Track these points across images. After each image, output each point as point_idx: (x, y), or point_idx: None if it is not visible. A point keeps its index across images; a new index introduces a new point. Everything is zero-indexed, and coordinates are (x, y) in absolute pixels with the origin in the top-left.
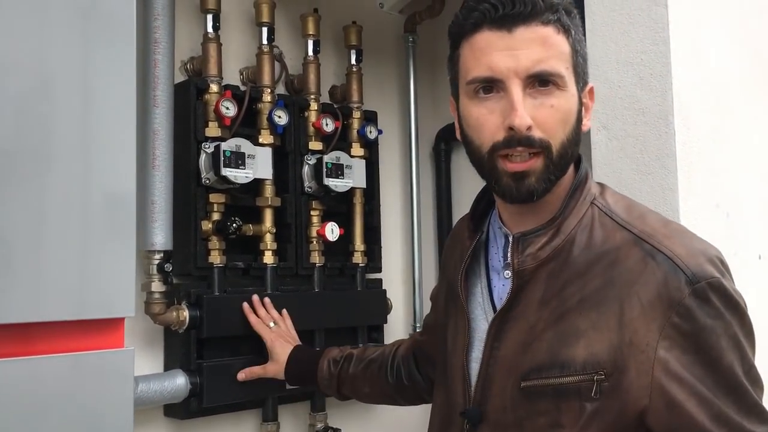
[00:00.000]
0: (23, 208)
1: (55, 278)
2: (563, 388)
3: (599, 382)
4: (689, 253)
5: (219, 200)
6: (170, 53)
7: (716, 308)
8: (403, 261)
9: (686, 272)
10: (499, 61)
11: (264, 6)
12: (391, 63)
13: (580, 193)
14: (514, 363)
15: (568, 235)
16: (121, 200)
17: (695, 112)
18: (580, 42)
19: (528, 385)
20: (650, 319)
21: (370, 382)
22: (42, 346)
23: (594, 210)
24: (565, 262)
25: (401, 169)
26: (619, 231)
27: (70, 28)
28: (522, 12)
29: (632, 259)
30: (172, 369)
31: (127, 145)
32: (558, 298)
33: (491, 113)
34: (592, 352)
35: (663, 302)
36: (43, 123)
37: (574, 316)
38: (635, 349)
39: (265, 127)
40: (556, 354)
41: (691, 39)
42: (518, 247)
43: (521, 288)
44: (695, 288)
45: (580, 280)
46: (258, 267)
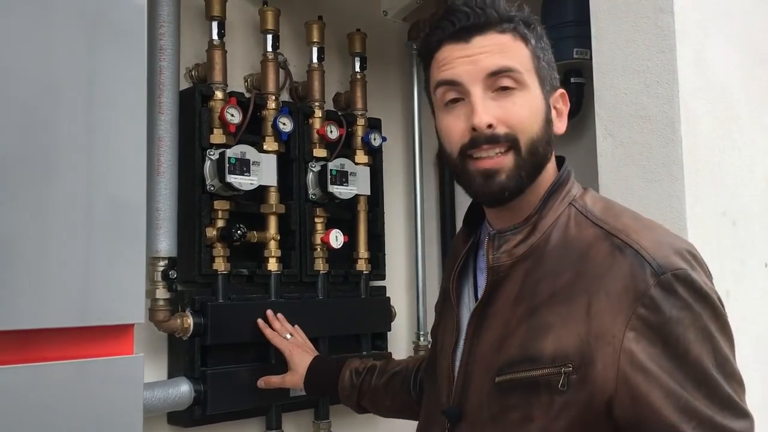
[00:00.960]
0: (31, 215)
1: (65, 285)
2: (533, 381)
3: (567, 374)
4: (656, 246)
5: (223, 207)
6: (176, 60)
7: (683, 299)
8: (406, 268)
9: (652, 264)
10: (458, 66)
11: (269, 13)
12: (394, 70)
13: (558, 193)
14: (491, 359)
15: (543, 233)
16: (131, 207)
17: (702, 119)
18: (543, 49)
19: (501, 380)
20: (617, 311)
21: (392, 394)
22: (51, 353)
23: (571, 210)
24: (539, 259)
25: (405, 177)
26: (592, 228)
27: (77, 35)
28: (477, 23)
29: (601, 253)
30: (176, 376)
31: (138, 151)
32: (531, 294)
33: (457, 119)
34: (560, 345)
35: (629, 294)
36: (50, 129)
37: (545, 310)
38: (602, 341)
39: (269, 134)
40: (527, 348)
41: (697, 46)
42: (493, 244)
43: (497, 284)
44: (660, 279)
45: (552, 276)
46: (262, 274)
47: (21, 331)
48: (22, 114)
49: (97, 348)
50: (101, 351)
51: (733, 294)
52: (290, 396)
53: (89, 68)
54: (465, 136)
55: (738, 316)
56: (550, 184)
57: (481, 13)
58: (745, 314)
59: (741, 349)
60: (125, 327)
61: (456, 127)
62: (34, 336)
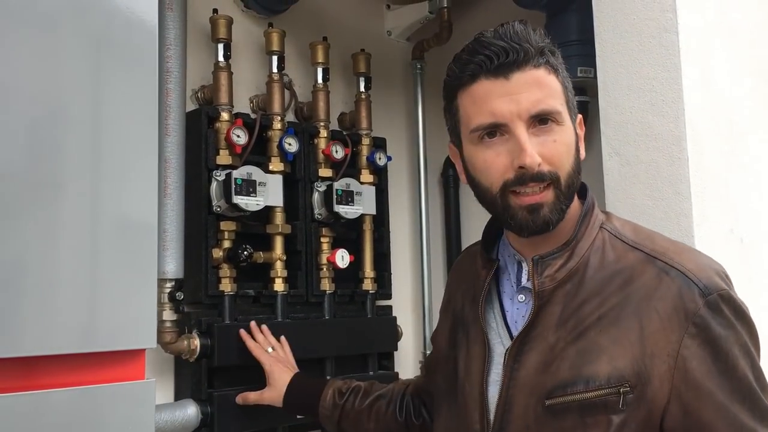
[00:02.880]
0: (39, 238)
1: (77, 310)
2: (589, 403)
3: (625, 394)
4: (699, 268)
5: (230, 228)
6: (182, 82)
7: (728, 318)
8: (412, 287)
9: (699, 285)
10: (501, 106)
11: (274, 35)
12: (399, 90)
13: (589, 218)
14: (536, 383)
15: (582, 257)
16: (142, 231)
17: (708, 138)
18: (567, 78)
19: (553, 403)
20: (669, 331)
21: (376, 417)
22: (62, 379)
23: (604, 233)
24: (580, 282)
25: (410, 196)
26: (631, 251)
27: (86, 57)
28: (516, 60)
29: (647, 276)
30: (183, 398)
31: (149, 174)
32: (575, 317)
33: (498, 155)
34: (615, 366)
35: (679, 314)
36: (57, 150)
37: (594, 333)
38: (657, 360)
39: (275, 154)
40: (580, 370)
41: (702, 65)
42: (537, 269)
43: (540, 309)
44: (708, 300)
45: (597, 299)
46: (268, 294)
47: (31, 357)
48: (29, 134)
49: (109, 373)
50: (113, 376)
51: None
52: (297, 417)
53: (99, 90)
54: (508, 173)
55: None
56: (579, 210)
57: (519, 49)
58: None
59: None
60: (136, 352)
61: (498, 163)
62: (44, 362)
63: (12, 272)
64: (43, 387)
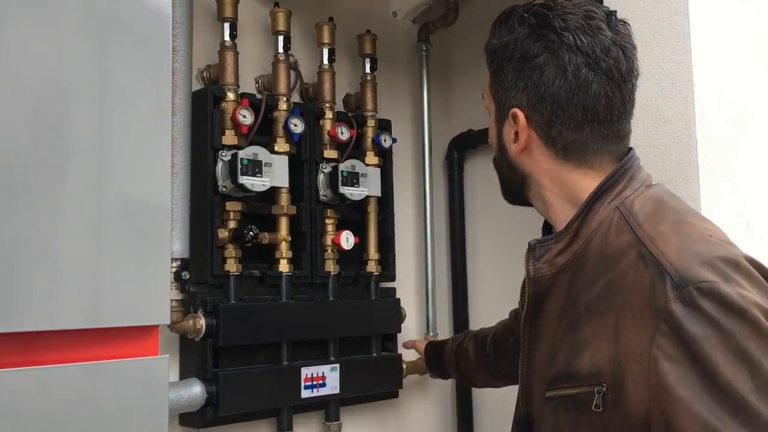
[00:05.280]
0: (50, 216)
1: (93, 286)
2: (574, 400)
3: (602, 394)
4: (680, 255)
5: (235, 208)
6: (188, 62)
7: (708, 316)
8: (416, 270)
9: (673, 276)
10: None
11: (280, 15)
12: (404, 72)
13: (606, 195)
14: (544, 372)
15: (585, 240)
16: (156, 208)
17: (716, 121)
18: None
19: (550, 396)
20: (641, 328)
21: (475, 354)
22: (77, 354)
23: (616, 213)
24: (581, 268)
25: (414, 178)
26: (628, 234)
27: (92, 37)
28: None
29: (627, 263)
30: (188, 377)
31: (163, 152)
32: (573, 306)
33: None
34: (594, 363)
35: (651, 310)
36: (67, 129)
37: (582, 324)
38: (631, 360)
39: (280, 135)
40: (569, 364)
41: (712, 48)
42: (533, 254)
43: (542, 296)
44: (681, 293)
45: (590, 287)
46: (273, 275)
47: (41, 332)
48: (31, 114)
49: (123, 349)
50: (126, 352)
51: None
52: (301, 398)
53: (107, 69)
54: None
55: None
56: (596, 187)
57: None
58: None
59: None
60: (150, 328)
61: None
62: (55, 337)
63: (20, 250)
64: (55, 362)
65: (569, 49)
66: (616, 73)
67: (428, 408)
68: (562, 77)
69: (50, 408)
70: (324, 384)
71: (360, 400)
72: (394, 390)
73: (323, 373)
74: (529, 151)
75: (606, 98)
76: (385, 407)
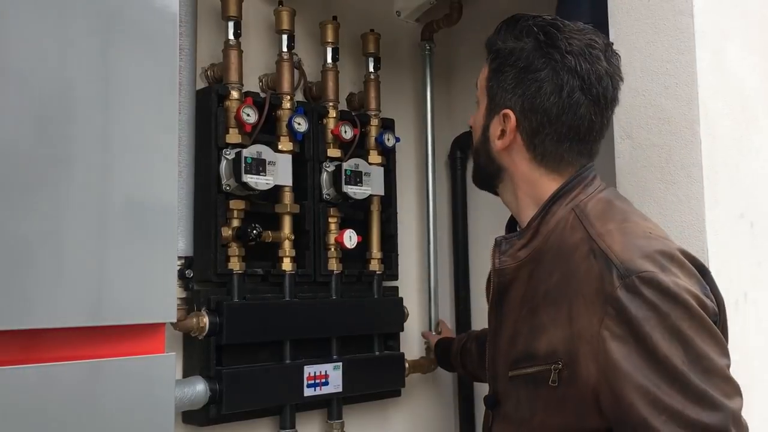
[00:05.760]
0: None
1: (99, 283)
2: (532, 378)
3: (558, 371)
4: (624, 250)
5: (239, 207)
6: (192, 60)
7: (648, 301)
8: (418, 269)
9: (618, 267)
10: None
11: (284, 14)
12: (407, 71)
13: (564, 198)
14: (507, 354)
15: (545, 237)
16: (163, 205)
17: (720, 121)
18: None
19: (512, 375)
20: (591, 312)
21: (470, 356)
22: (83, 351)
23: (571, 215)
24: (540, 262)
25: (417, 177)
26: (581, 231)
27: (95, 32)
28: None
29: (579, 256)
30: (192, 375)
31: (170, 150)
32: (532, 295)
33: None
34: (550, 344)
35: (600, 296)
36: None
37: (541, 310)
38: (583, 341)
39: (284, 134)
40: (528, 346)
41: (716, 48)
42: (499, 249)
43: (505, 286)
44: (626, 282)
45: (547, 277)
46: (277, 274)
47: (46, 330)
48: (36, 112)
49: (129, 346)
50: (133, 350)
51: (750, 296)
52: (304, 396)
53: (112, 66)
54: None
55: (755, 317)
56: (554, 190)
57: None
58: (762, 315)
59: (758, 350)
60: (156, 326)
61: None
62: (60, 335)
63: (25, 247)
64: (60, 359)
65: (569, 71)
66: (602, 100)
67: (430, 407)
68: (557, 95)
69: (54, 406)
70: (327, 382)
71: (362, 399)
72: (396, 389)
73: (326, 372)
74: (510, 150)
75: (589, 121)
76: (387, 406)
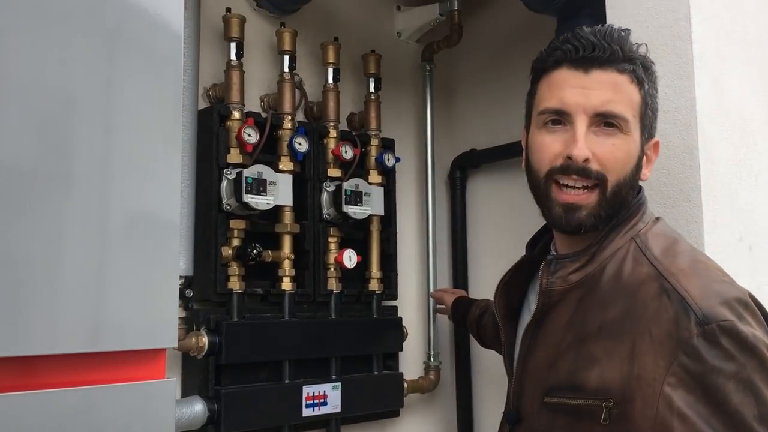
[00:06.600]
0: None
1: (99, 308)
2: (577, 410)
3: (608, 408)
4: (703, 295)
5: (239, 226)
6: (195, 80)
7: (726, 351)
8: (418, 288)
9: (697, 313)
10: (570, 96)
11: (286, 35)
12: (408, 91)
13: (623, 226)
14: (541, 377)
15: (600, 264)
16: (164, 228)
17: (719, 146)
18: (653, 96)
19: (549, 401)
20: (659, 355)
21: (485, 330)
22: (81, 377)
23: (631, 244)
24: (593, 289)
25: (417, 197)
26: (647, 266)
27: (99, 51)
28: (600, 56)
29: (649, 294)
30: (190, 395)
31: (171, 171)
32: (582, 322)
33: (554, 141)
34: (603, 379)
35: (672, 340)
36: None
37: (593, 342)
38: (643, 383)
39: (285, 153)
40: (573, 376)
41: (715, 73)
42: (549, 269)
43: (549, 307)
44: (705, 330)
45: (603, 308)
46: (276, 293)
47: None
48: (39, 128)
49: (128, 372)
50: (132, 375)
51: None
52: (303, 416)
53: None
54: (557, 160)
55: None
56: (616, 217)
57: (606, 48)
58: None
59: None
60: (157, 351)
61: (551, 149)
62: (59, 361)
63: (24, 270)
64: (58, 386)
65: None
66: None
67: (429, 427)
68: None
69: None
70: (325, 402)
71: (361, 419)
72: (395, 409)
73: (325, 392)
74: None
75: None
76: (386, 426)
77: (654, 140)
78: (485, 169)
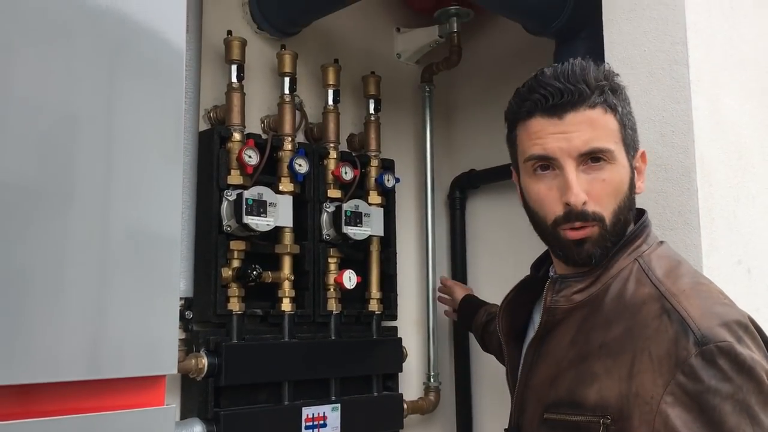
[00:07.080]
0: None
1: (98, 335)
2: (575, 426)
3: (606, 425)
4: (703, 316)
5: (239, 247)
6: (196, 102)
7: (723, 371)
8: (418, 308)
9: (696, 333)
10: (552, 143)
11: (286, 57)
12: (408, 112)
13: (627, 248)
14: (542, 394)
15: (604, 284)
16: (165, 250)
17: (717, 169)
18: (628, 115)
19: (548, 417)
20: (657, 374)
21: (490, 339)
22: (80, 405)
23: (635, 265)
24: (597, 308)
25: (417, 217)
26: (649, 287)
27: (101, 68)
28: (570, 100)
29: (650, 314)
30: (189, 417)
31: (172, 191)
32: (584, 340)
33: (550, 190)
34: (602, 396)
35: (671, 360)
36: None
37: (594, 359)
38: (641, 400)
39: (285, 175)
40: (573, 393)
41: (712, 97)
42: (554, 287)
43: (553, 325)
44: (703, 350)
45: (606, 327)
46: (276, 314)
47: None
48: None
49: (128, 399)
50: (131, 402)
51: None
52: None
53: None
54: (558, 208)
55: None
56: (622, 239)
57: (573, 90)
58: None
59: None
60: (157, 378)
61: (549, 198)
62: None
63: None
64: (56, 413)
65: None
66: None
67: None
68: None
69: None
70: (325, 424)
71: None
72: (395, 430)
73: (324, 413)
74: None
75: None
76: None
77: (639, 152)
78: (484, 189)
